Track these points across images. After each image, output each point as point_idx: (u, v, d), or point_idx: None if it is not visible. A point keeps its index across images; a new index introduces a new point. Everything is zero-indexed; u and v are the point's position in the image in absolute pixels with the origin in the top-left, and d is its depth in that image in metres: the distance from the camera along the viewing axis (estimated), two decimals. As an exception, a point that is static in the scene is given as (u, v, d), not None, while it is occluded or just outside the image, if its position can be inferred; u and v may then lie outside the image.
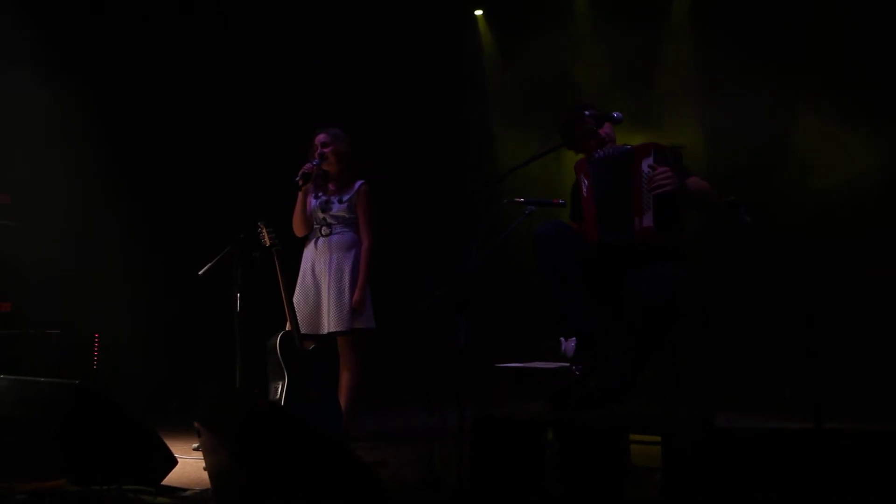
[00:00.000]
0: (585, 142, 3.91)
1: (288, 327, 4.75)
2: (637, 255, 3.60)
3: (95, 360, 5.86)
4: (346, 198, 4.90)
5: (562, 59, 6.64)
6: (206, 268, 4.74)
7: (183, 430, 4.69)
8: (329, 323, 4.78)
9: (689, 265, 3.68)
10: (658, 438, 3.14)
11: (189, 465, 4.04)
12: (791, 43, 5.91)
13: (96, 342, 5.87)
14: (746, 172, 5.83)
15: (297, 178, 4.84)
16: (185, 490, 3.53)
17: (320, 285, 4.85)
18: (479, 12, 6.86)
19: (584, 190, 3.82)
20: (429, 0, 6.67)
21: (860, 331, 5.54)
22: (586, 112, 3.91)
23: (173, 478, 3.63)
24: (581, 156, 3.97)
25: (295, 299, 4.84)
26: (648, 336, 3.46)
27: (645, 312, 3.43)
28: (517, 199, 4.08)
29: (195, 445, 4.44)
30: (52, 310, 5.63)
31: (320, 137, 4.93)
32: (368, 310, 4.84)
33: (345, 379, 4.86)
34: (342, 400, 4.81)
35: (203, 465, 3.77)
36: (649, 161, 3.65)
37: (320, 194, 4.95)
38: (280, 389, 4.62)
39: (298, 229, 4.98)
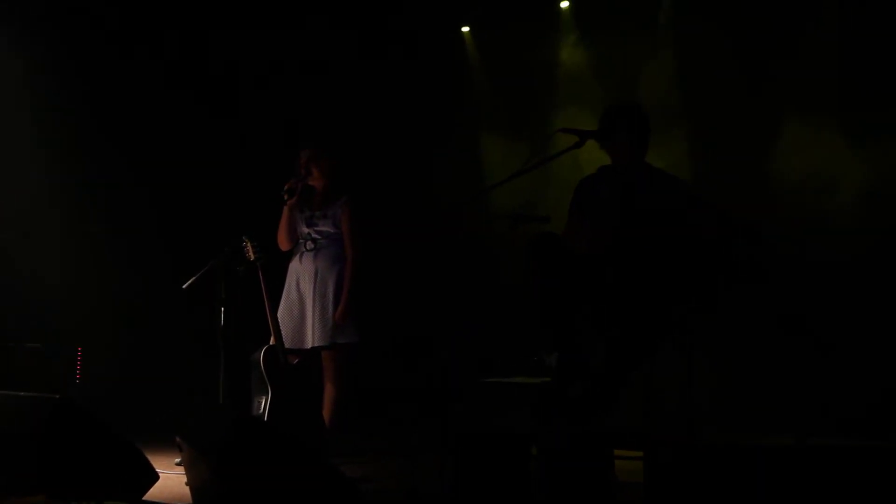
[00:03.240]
0: (616, 148, 3.93)
1: (272, 341, 4.73)
2: (627, 270, 3.62)
3: (78, 374, 5.82)
4: (330, 213, 4.90)
5: (548, 74, 6.67)
6: (189, 281, 4.73)
7: (165, 445, 4.65)
8: (313, 338, 4.77)
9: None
10: (641, 454, 3.14)
11: (171, 480, 4.01)
12: (782, 57, 5.92)
13: (79, 356, 5.83)
14: (732, 189, 5.84)
15: (283, 193, 4.85)
16: (166, 505, 3.51)
17: (305, 300, 4.84)
18: (465, 28, 6.90)
19: (600, 196, 3.89)
20: (416, 17, 6.70)
21: (846, 347, 5.55)
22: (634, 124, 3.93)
23: (155, 493, 3.59)
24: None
25: (279, 314, 4.83)
26: (632, 350, 3.47)
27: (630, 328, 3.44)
28: (503, 214, 4.08)
29: (177, 460, 4.41)
30: (35, 323, 5.59)
31: (305, 153, 4.94)
32: (352, 324, 4.83)
33: (328, 393, 4.84)
34: (326, 415, 4.79)
35: (185, 480, 3.75)
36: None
37: (305, 209, 4.94)
38: (263, 404, 4.61)
39: (283, 244, 4.97)
